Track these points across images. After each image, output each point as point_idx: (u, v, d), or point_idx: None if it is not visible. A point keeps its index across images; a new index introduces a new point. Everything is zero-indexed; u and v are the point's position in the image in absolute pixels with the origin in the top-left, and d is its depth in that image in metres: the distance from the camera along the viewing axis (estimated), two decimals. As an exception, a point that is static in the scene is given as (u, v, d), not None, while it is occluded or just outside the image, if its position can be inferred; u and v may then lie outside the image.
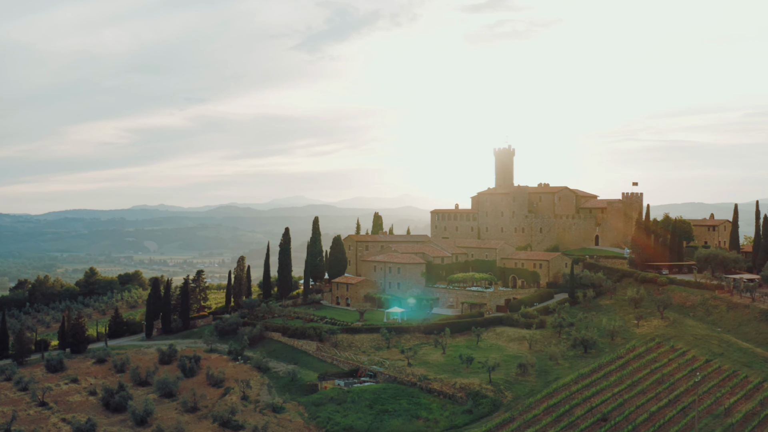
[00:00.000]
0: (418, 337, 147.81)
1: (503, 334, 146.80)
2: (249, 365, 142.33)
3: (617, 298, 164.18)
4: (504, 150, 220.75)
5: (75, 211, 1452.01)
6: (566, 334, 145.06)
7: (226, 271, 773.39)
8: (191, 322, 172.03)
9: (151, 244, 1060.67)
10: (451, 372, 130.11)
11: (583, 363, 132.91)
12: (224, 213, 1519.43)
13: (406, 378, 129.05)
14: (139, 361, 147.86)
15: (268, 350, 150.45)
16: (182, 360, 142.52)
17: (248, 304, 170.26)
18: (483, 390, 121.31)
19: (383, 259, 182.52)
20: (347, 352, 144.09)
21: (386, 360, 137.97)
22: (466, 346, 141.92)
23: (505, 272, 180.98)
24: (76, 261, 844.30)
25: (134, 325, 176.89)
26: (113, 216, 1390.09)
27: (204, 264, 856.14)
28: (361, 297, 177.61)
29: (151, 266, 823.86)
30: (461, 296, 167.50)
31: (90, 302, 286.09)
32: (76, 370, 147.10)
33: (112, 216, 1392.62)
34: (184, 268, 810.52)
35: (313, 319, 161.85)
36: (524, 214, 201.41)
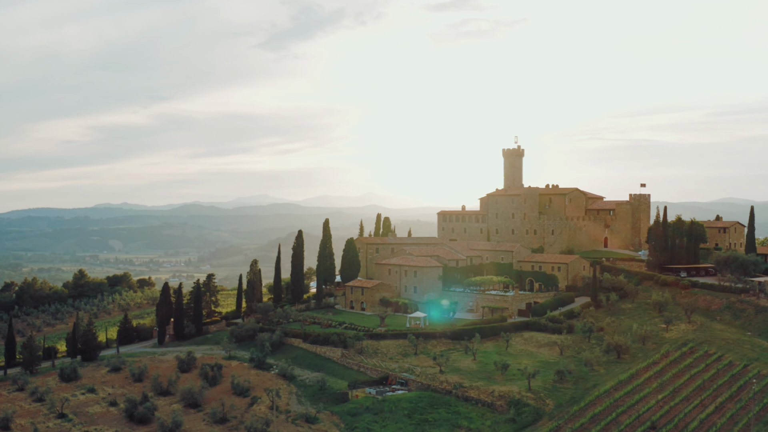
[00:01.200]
0: (445, 342, 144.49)
1: (532, 340, 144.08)
2: (273, 373, 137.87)
3: (639, 301, 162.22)
4: (513, 150, 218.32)
5: (38, 210, 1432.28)
6: (596, 339, 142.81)
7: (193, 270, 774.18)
8: (204, 327, 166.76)
9: (116, 243, 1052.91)
10: (485, 379, 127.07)
11: (618, 369, 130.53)
12: (188, 211, 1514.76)
13: (440, 386, 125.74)
14: (156, 370, 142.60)
15: (289, 357, 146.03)
16: (204, 368, 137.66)
17: (262, 309, 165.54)
18: (524, 398, 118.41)
19: (398, 262, 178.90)
20: (374, 358, 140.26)
21: (416, 367, 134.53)
22: (496, 352, 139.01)
23: (522, 275, 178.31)
24: (41, 260, 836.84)
25: (144, 330, 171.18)
26: (77, 215, 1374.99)
27: (171, 263, 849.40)
28: (376, 301, 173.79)
29: (117, 265, 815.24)
30: (481, 300, 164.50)
31: (81, 305, 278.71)
32: (90, 379, 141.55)
33: (75, 215, 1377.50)
34: (151, 267, 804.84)
35: (332, 325, 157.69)
36: (536, 216, 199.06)
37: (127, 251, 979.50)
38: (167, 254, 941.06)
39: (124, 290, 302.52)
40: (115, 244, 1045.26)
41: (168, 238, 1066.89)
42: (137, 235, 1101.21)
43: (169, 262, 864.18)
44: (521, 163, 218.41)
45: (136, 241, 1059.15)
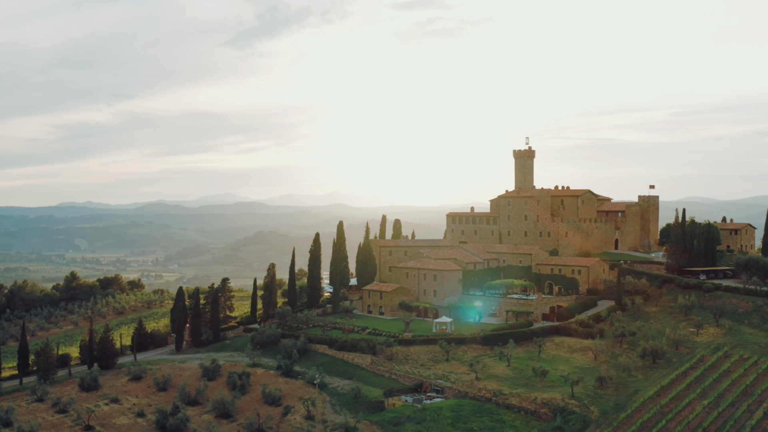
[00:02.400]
0: (476, 348, 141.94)
1: (563, 345, 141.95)
2: (302, 381, 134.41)
3: (663, 304, 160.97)
4: (523, 152, 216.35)
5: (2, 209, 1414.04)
6: (627, 343, 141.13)
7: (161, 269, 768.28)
8: (221, 333, 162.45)
9: (82, 242, 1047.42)
10: (524, 386, 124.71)
11: (656, 374, 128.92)
12: (154, 210, 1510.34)
13: (479, 393, 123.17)
14: (180, 378, 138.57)
15: (315, 364, 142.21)
16: (231, 376, 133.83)
17: (280, 314, 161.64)
18: (568, 405, 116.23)
19: (417, 265, 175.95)
20: (404, 365, 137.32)
21: (450, 373, 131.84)
22: (529, 358, 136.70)
23: (541, 278, 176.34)
24: (6, 259, 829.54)
25: (159, 337, 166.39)
26: (41, 213, 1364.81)
27: (138, 262, 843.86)
28: (395, 305, 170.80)
29: (84, 264, 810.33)
30: (504, 304, 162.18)
31: (74, 308, 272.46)
32: (111, 388, 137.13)
33: (40, 213, 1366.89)
34: (118, 266, 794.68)
35: (354, 330, 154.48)
36: (549, 218, 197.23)
37: (93, 250, 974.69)
38: (133, 253, 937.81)
39: (117, 293, 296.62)
40: (80, 243, 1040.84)
41: (134, 237, 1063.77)
42: (103, 234, 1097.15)
43: (136, 261, 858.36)
44: (532, 165, 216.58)
45: (102, 240, 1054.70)
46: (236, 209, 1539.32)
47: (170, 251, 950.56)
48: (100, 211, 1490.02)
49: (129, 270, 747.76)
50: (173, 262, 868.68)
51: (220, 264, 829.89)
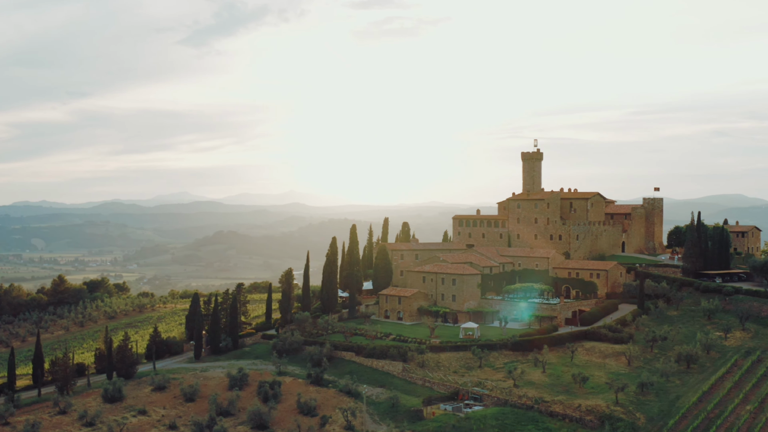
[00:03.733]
0: (506, 354, 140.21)
1: (594, 350, 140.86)
2: (334, 390, 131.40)
3: (683, 308, 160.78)
4: (531, 154, 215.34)
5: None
6: (657, 348, 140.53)
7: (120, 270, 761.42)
8: (239, 340, 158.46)
9: (39, 241, 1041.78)
10: (564, 393, 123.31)
11: (693, 380, 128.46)
12: (110, 210, 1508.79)
13: (519, 401, 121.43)
14: (206, 388, 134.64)
15: (343, 372, 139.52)
16: (262, 386, 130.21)
17: (299, 320, 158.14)
18: (614, 412, 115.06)
19: (434, 269, 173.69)
20: (437, 372, 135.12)
21: (485, 380, 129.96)
22: (562, 364, 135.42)
23: (558, 282, 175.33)
24: None
25: (174, 344, 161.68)
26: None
27: (96, 262, 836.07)
28: (414, 310, 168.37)
29: (42, 265, 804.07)
30: (526, 309, 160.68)
31: (63, 313, 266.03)
32: (135, 399, 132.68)
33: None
34: (76, 266, 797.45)
35: (378, 336, 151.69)
36: (561, 221, 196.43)
37: (51, 250, 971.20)
38: (91, 253, 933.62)
39: (105, 296, 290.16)
40: (37, 242, 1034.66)
41: (91, 237, 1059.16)
42: (60, 233, 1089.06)
43: (94, 261, 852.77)
44: (540, 167, 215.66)
45: (59, 240, 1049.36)
46: (193, 208, 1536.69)
47: (128, 251, 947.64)
48: (56, 211, 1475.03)
49: (88, 270, 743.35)
50: (132, 262, 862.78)
51: (180, 264, 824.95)
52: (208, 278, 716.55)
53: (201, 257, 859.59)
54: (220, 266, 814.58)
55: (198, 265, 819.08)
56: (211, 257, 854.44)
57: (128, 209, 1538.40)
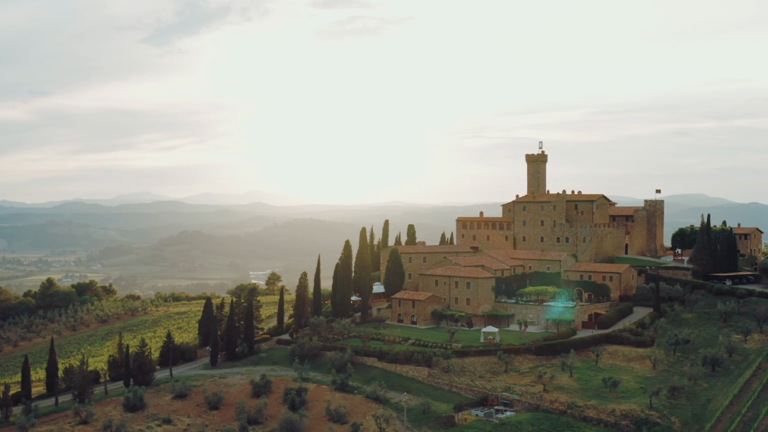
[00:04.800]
0: (530, 359, 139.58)
1: (617, 353, 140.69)
2: (361, 396, 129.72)
3: (697, 311, 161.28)
4: (536, 156, 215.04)
5: None
6: (680, 351, 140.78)
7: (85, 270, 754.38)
8: (254, 346, 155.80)
9: (1, 241, 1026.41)
10: (595, 397, 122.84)
11: (720, 383, 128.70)
12: (71, 209, 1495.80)
13: (551, 406, 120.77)
14: (229, 395, 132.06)
15: (365, 377, 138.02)
16: (288, 393, 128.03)
17: (314, 325, 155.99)
18: (649, 416, 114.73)
19: (447, 272, 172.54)
20: (463, 377, 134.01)
21: (513, 385, 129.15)
22: (587, 368, 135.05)
23: (569, 285, 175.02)
24: None
25: (188, 350, 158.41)
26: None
27: (60, 263, 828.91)
28: (428, 314, 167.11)
29: (5, 265, 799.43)
30: (543, 312, 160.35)
31: (54, 317, 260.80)
32: (157, 407, 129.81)
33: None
34: (40, 267, 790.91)
35: (397, 341, 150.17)
36: (568, 223, 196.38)
37: (13, 250, 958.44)
38: (54, 253, 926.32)
39: (93, 299, 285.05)
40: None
41: (54, 237, 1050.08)
42: (22, 233, 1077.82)
43: (58, 262, 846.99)
44: (545, 169, 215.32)
45: (22, 240, 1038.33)
46: (156, 208, 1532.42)
47: (92, 251, 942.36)
48: (18, 210, 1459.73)
49: (52, 270, 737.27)
50: (96, 262, 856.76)
51: (144, 264, 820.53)
52: (174, 278, 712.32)
53: (166, 257, 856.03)
54: (185, 266, 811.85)
55: (163, 266, 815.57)
56: (176, 257, 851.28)
57: (90, 209, 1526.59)
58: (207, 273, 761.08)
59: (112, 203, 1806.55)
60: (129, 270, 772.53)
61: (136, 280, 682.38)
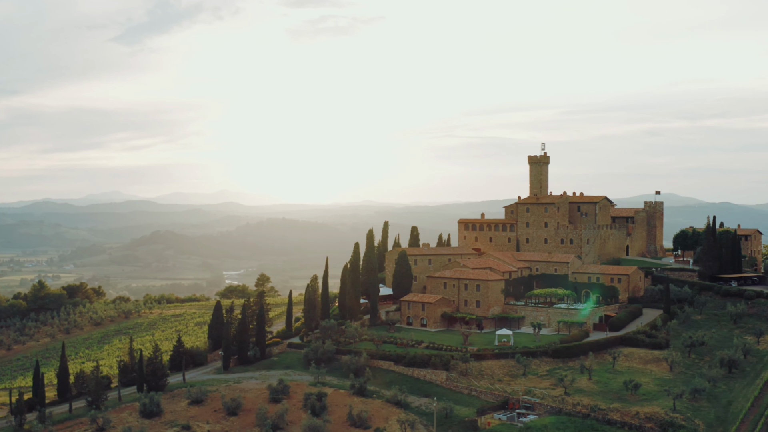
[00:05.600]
0: (547, 361, 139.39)
1: (633, 356, 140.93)
2: (380, 400, 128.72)
3: (707, 312, 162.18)
4: (539, 158, 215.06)
5: None
6: (695, 353, 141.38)
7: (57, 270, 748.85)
8: (266, 350, 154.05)
9: None
10: (617, 400, 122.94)
11: (738, 384, 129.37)
12: (42, 209, 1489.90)
13: (574, 409, 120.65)
14: (247, 401, 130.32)
15: (382, 381, 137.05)
16: (308, 398, 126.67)
17: (325, 328, 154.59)
18: (674, 419, 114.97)
19: (456, 275, 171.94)
20: (481, 381, 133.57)
21: (533, 389, 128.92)
22: (605, 370, 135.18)
23: (577, 287, 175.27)
24: None
25: (197, 354, 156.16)
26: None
27: (32, 263, 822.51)
28: (438, 316, 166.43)
29: None
30: (554, 315, 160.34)
31: (47, 319, 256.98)
32: (174, 413, 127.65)
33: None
34: (12, 267, 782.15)
35: (410, 344, 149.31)
36: (572, 225, 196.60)
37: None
38: (26, 253, 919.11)
39: (85, 302, 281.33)
40: None
41: (24, 237, 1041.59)
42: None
43: (30, 262, 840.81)
44: (547, 171, 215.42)
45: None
46: (127, 208, 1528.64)
47: (63, 251, 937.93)
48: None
49: (24, 271, 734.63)
50: (68, 262, 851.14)
51: (117, 264, 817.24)
52: (147, 279, 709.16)
53: (139, 257, 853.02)
54: (158, 266, 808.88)
55: (136, 266, 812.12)
56: (149, 257, 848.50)
57: (61, 209, 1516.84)
58: (181, 273, 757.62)
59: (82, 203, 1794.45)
60: (102, 270, 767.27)
61: (110, 280, 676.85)
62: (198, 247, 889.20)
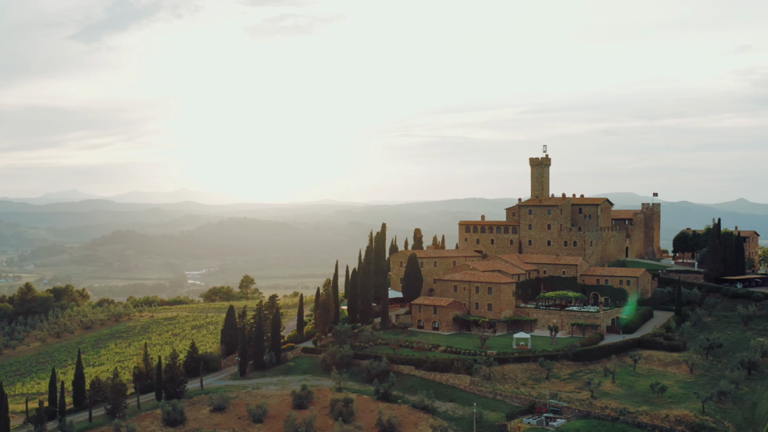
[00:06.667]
0: (568, 365, 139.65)
1: (652, 358, 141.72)
2: (406, 406, 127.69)
3: (716, 314, 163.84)
4: (540, 160, 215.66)
5: None
6: (712, 355, 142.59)
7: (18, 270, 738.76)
8: (281, 355, 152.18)
9: None
10: (645, 403, 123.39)
11: (759, 386, 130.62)
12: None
13: (603, 412, 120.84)
14: (272, 407, 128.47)
15: (404, 386, 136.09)
16: (335, 404, 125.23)
17: (339, 332, 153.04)
18: (704, 422, 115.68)
19: (467, 278, 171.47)
20: (505, 385, 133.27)
21: (558, 392, 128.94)
22: (626, 373, 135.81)
23: (586, 289, 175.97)
24: None
25: (211, 360, 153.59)
26: None
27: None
28: (450, 320, 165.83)
29: None
30: (567, 317, 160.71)
31: (35, 323, 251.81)
32: (197, 421, 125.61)
33: None
34: None
35: (427, 348, 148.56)
36: (576, 227, 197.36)
37: None
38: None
39: (72, 305, 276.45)
40: None
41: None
42: None
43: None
44: (548, 173, 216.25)
45: None
46: (86, 207, 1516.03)
47: (23, 251, 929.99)
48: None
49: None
50: (29, 262, 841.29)
51: (78, 264, 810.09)
52: (110, 279, 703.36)
53: (100, 257, 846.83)
54: (120, 266, 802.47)
55: (98, 266, 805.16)
56: (111, 257, 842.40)
57: (19, 208, 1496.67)
58: (143, 273, 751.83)
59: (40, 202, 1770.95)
60: (63, 270, 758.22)
61: (71, 280, 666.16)
62: (159, 247, 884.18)
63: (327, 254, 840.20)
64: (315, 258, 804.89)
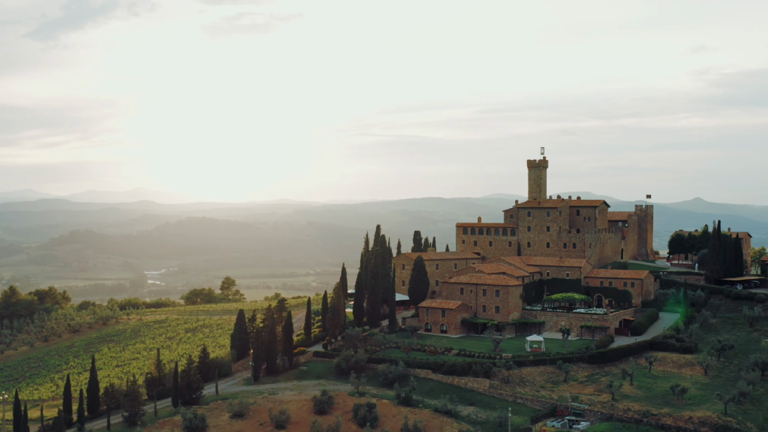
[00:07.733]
0: (584, 367, 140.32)
1: (666, 360, 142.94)
2: (429, 410, 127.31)
3: (720, 315, 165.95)
4: (538, 162, 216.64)
5: None
6: (724, 356, 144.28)
7: None
8: (293, 359, 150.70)
9: None
10: (666, 405, 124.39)
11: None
12: None
13: (625, 415, 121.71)
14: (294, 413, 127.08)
15: (422, 390, 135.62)
16: (358, 409, 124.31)
17: (350, 336, 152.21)
18: (728, 423, 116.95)
19: (473, 280, 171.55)
20: (525, 388, 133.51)
21: (578, 395, 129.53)
22: (642, 375, 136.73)
23: (590, 291, 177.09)
24: None
25: (222, 365, 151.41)
26: None
27: None
28: (458, 322, 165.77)
29: None
30: (575, 319, 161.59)
31: (21, 326, 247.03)
32: (218, 428, 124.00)
33: None
34: None
35: (440, 351, 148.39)
36: (574, 229, 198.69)
37: None
38: None
39: (56, 307, 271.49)
40: None
41: None
42: None
43: None
44: (546, 175, 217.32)
45: None
46: (41, 206, 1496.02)
47: None
48: None
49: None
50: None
51: (36, 264, 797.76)
52: (69, 279, 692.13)
53: (58, 257, 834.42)
54: (78, 266, 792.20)
55: (56, 266, 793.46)
56: (69, 257, 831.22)
57: None
58: (102, 273, 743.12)
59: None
60: (21, 270, 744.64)
61: (30, 280, 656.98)
62: (118, 247, 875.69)
63: (287, 254, 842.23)
64: (275, 258, 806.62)
